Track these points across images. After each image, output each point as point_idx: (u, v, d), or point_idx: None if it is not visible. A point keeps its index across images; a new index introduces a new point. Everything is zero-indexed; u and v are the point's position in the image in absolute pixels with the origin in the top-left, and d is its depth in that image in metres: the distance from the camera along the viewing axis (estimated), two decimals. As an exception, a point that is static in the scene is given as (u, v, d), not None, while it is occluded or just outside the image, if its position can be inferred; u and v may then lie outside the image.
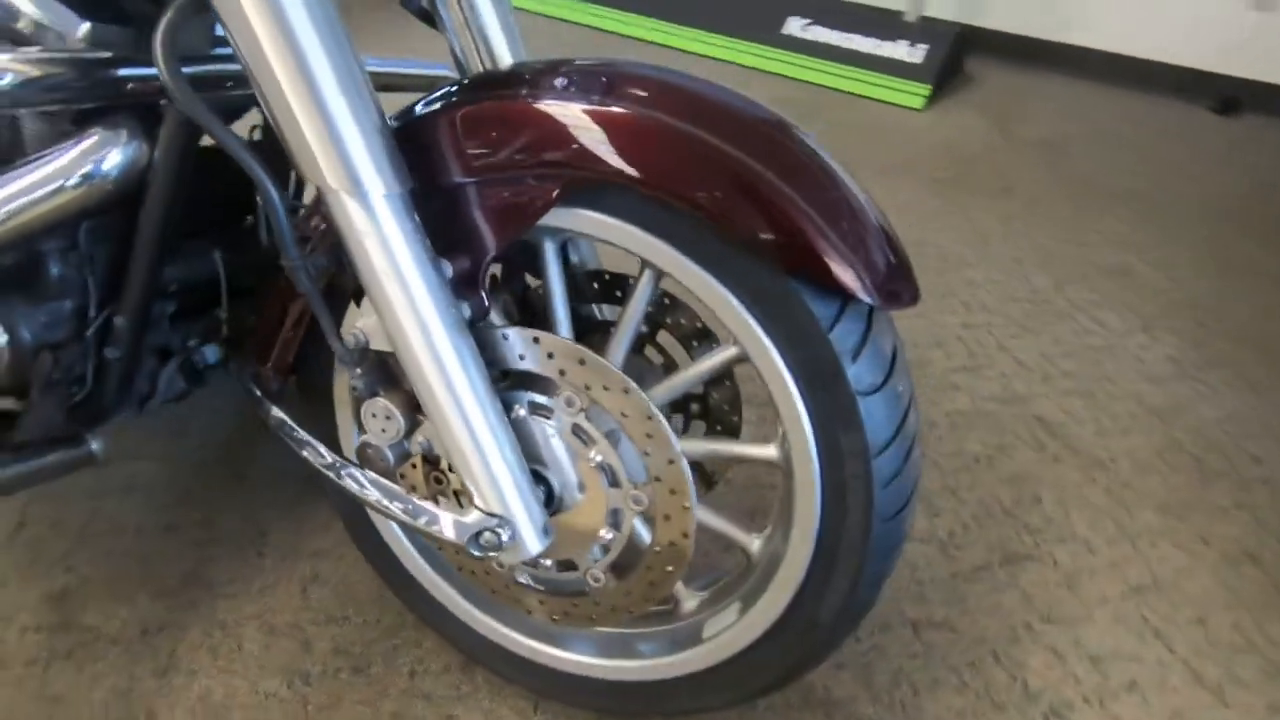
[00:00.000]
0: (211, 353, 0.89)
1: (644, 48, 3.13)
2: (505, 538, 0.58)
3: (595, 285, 0.75)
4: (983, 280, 1.68)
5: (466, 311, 0.60)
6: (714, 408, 0.75)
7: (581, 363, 0.59)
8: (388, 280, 0.54)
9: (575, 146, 0.54)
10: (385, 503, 0.62)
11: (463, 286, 0.60)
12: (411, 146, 0.58)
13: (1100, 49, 2.73)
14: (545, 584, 0.72)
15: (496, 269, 0.73)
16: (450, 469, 0.66)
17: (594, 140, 0.54)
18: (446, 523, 0.60)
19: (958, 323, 1.54)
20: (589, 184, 0.56)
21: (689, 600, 0.75)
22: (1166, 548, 1.08)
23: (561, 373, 0.60)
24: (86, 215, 0.70)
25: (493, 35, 0.76)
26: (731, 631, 0.69)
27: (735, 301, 0.56)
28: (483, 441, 0.58)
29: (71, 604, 0.95)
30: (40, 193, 0.67)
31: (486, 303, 0.61)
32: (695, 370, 0.64)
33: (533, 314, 0.76)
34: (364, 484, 0.63)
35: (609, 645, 0.78)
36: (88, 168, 0.67)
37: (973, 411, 1.32)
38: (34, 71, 0.60)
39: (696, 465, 0.75)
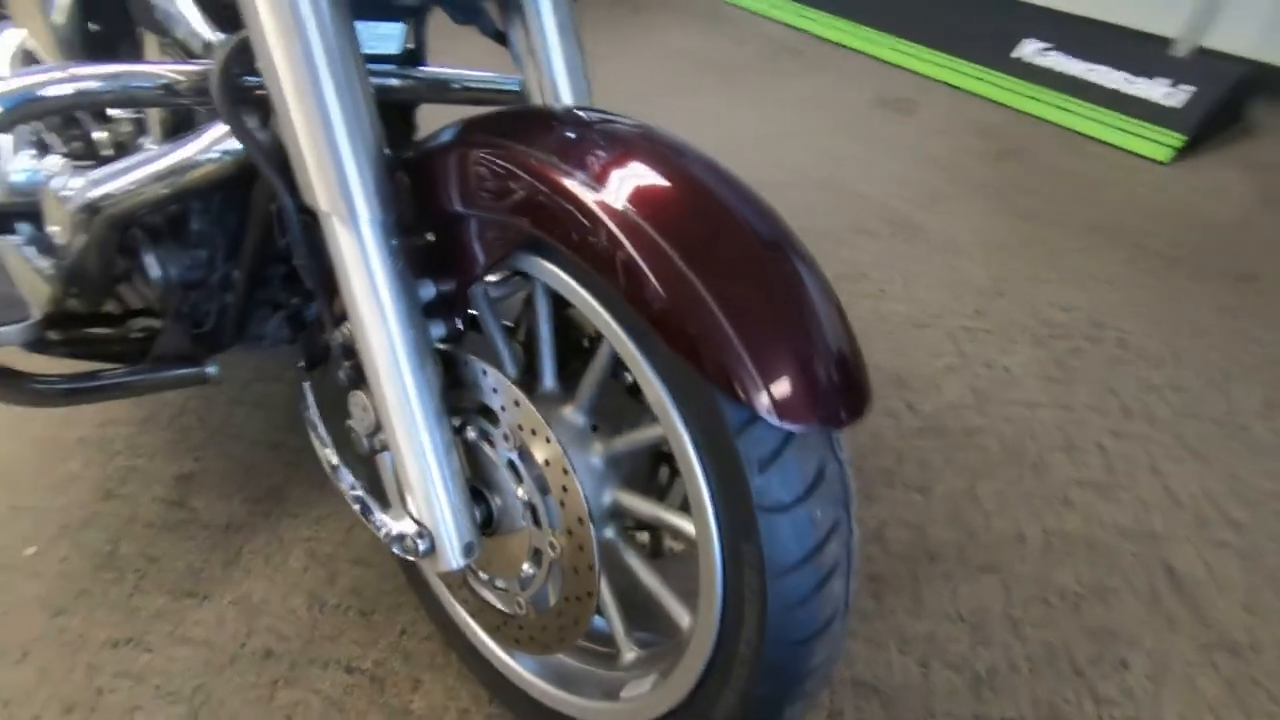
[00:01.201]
0: (312, 310, 1.03)
1: (853, 57, 2.97)
2: (423, 548, 0.63)
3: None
4: (1164, 384, 1.41)
5: (441, 330, 0.65)
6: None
7: (516, 404, 0.61)
8: (361, 297, 0.60)
9: (540, 209, 0.54)
10: (344, 488, 0.69)
11: (441, 308, 0.65)
12: (417, 175, 0.62)
13: None
14: (487, 593, 0.75)
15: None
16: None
17: (555, 209, 0.53)
18: (380, 520, 0.65)
19: (1105, 428, 1.31)
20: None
21: (628, 653, 0.75)
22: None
23: (502, 408, 0.63)
24: (218, 187, 0.85)
25: (556, 66, 0.78)
26: (642, 701, 0.68)
27: (659, 385, 0.54)
28: (422, 457, 0.62)
29: (189, 487, 1.17)
30: (186, 165, 0.82)
31: (460, 325, 0.65)
32: (628, 438, 0.63)
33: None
34: (336, 467, 0.71)
35: (549, 668, 0.80)
36: (215, 152, 0.81)
37: (1081, 537, 1.12)
38: (188, 79, 0.73)
39: (648, 528, 0.73)
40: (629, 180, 0.53)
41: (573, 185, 0.52)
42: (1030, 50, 2.49)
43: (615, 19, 3.41)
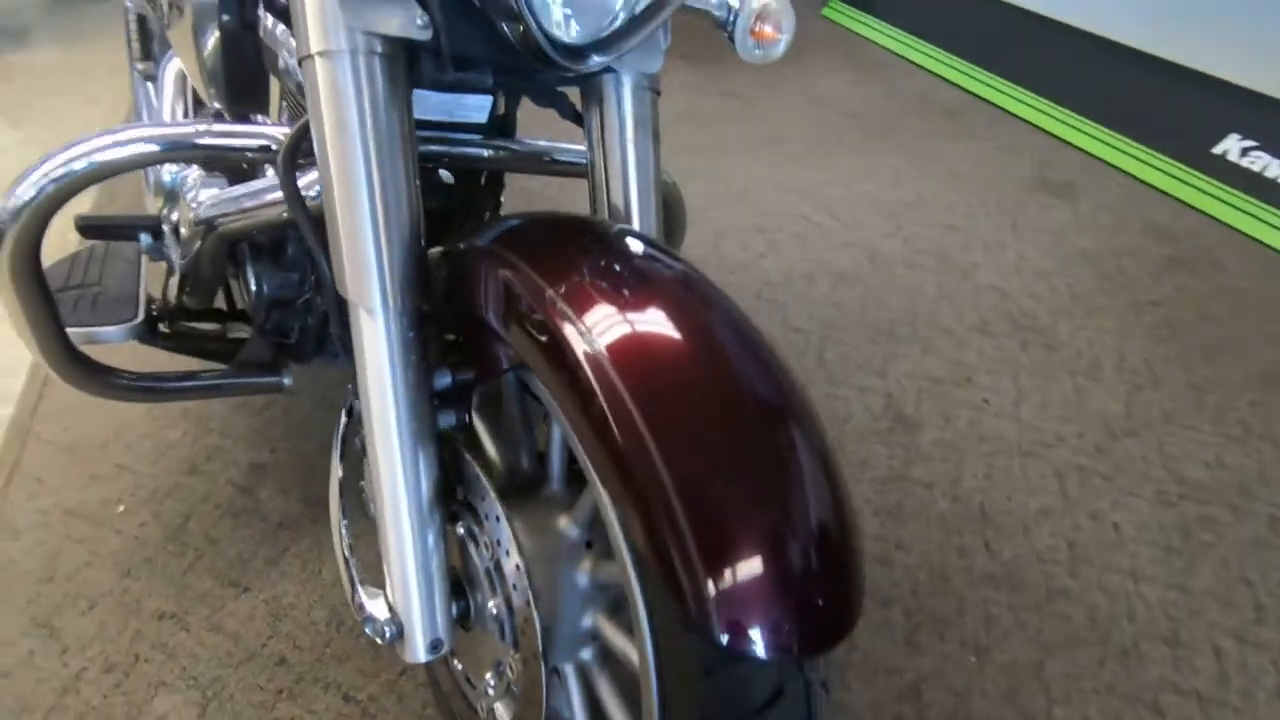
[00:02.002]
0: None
1: (1016, 125, 2.74)
2: (390, 634, 0.62)
3: None
4: (1319, 588, 1.17)
5: (450, 420, 0.64)
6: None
7: (497, 519, 0.59)
8: (371, 381, 0.60)
9: (529, 344, 0.53)
10: (336, 543, 0.70)
11: (457, 397, 0.64)
12: (453, 267, 0.62)
13: None
14: (461, 682, 0.75)
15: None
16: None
17: (542, 351, 0.51)
18: (358, 593, 0.66)
19: (1228, 626, 1.10)
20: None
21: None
22: None
23: (486, 516, 0.61)
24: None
25: (628, 159, 0.75)
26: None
27: (624, 546, 0.51)
28: (404, 546, 0.62)
29: (260, 477, 1.26)
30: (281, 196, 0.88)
31: (469, 419, 0.64)
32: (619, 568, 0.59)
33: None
34: (340, 521, 0.72)
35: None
36: (314, 191, 0.86)
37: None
38: (260, 143, 0.78)
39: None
40: (628, 335, 0.49)
41: (566, 329, 0.50)
42: (1233, 148, 2.18)
43: (775, 60, 3.37)
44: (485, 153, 0.85)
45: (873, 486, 1.31)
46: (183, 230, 0.99)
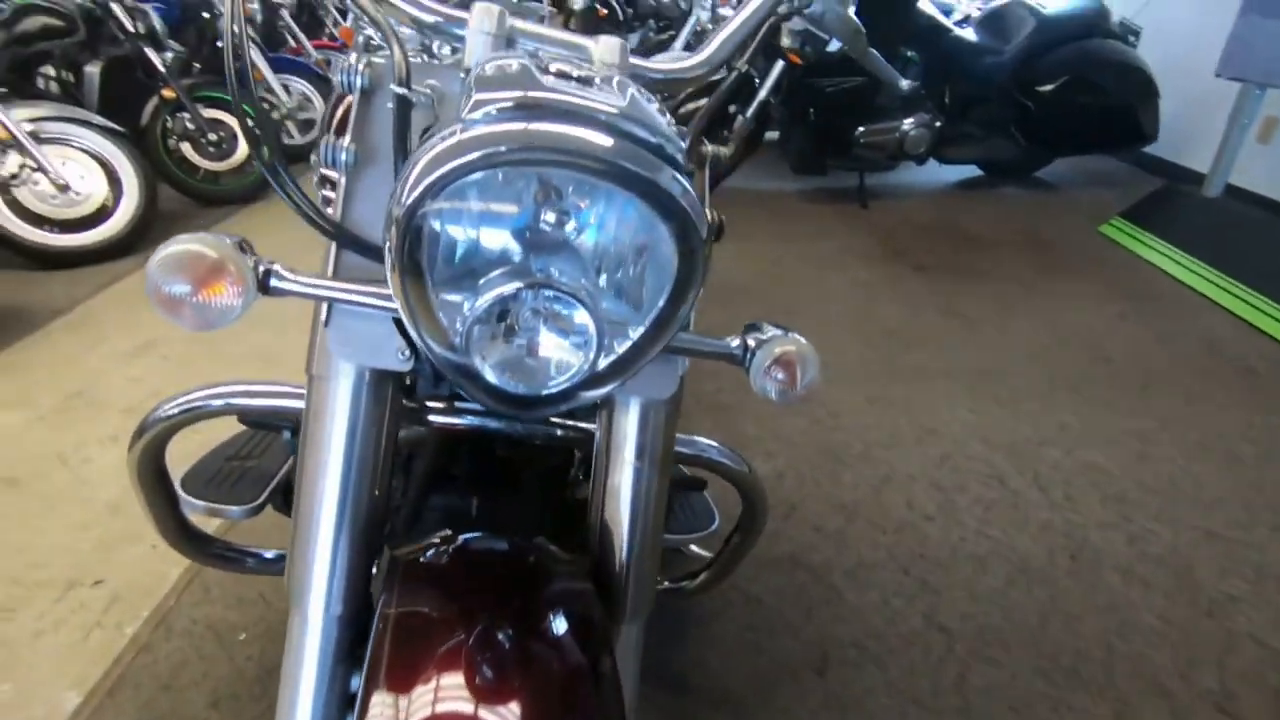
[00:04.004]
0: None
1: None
2: None
3: None
4: None
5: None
6: None
7: None
8: (285, 675, 0.62)
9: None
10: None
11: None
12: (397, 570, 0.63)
13: None
14: None
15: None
16: None
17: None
18: None
19: None
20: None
21: None
22: None
23: None
24: None
25: (618, 490, 0.70)
26: None
27: None
28: None
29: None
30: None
31: None
32: None
33: None
34: None
35: None
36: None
37: None
38: None
39: None
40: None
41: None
42: None
43: (1009, 268, 3.05)
44: (509, 429, 0.85)
45: None
46: None
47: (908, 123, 3.69)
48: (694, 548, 1.20)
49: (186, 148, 3.61)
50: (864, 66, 0.98)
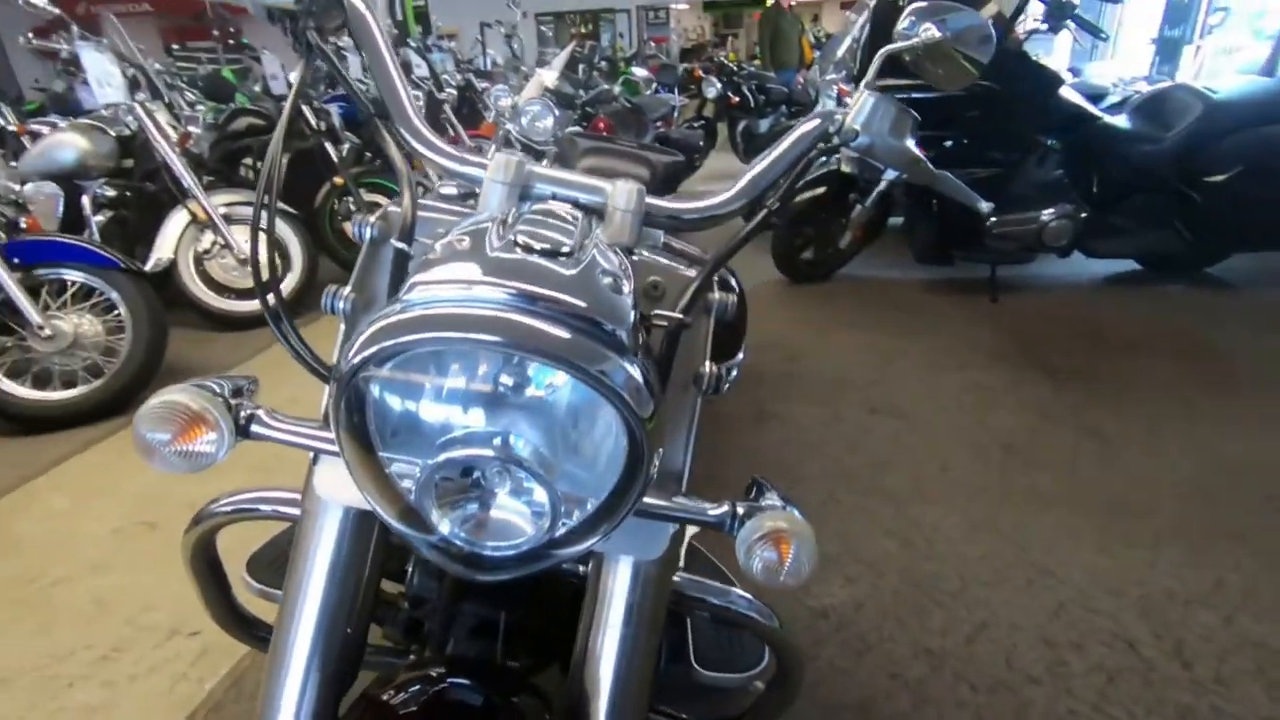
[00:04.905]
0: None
1: None
2: None
3: None
4: None
5: None
6: None
7: None
8: None
9: None
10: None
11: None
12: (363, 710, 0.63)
13: None
14: None
15: None
16: None
17: None
18: None
19: None
20: None
21: None
22: None
23: None
24: None
25: (599, 652, 0.66)
26: None
27: None
28: None
29: None
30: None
31: None
32: None
33: None
34: None
35: None
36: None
37: None
38: None
39: None
40: None
41: None
42: None
43: (1164, 380, 2.64)
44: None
45: None
46: None
47: (1047, 213, 3.42)
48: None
49: (348, 225, 4.10)
50: (937, 190, 0.90)
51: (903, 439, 2.35)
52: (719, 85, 6.02)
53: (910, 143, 0.76)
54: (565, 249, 0.52)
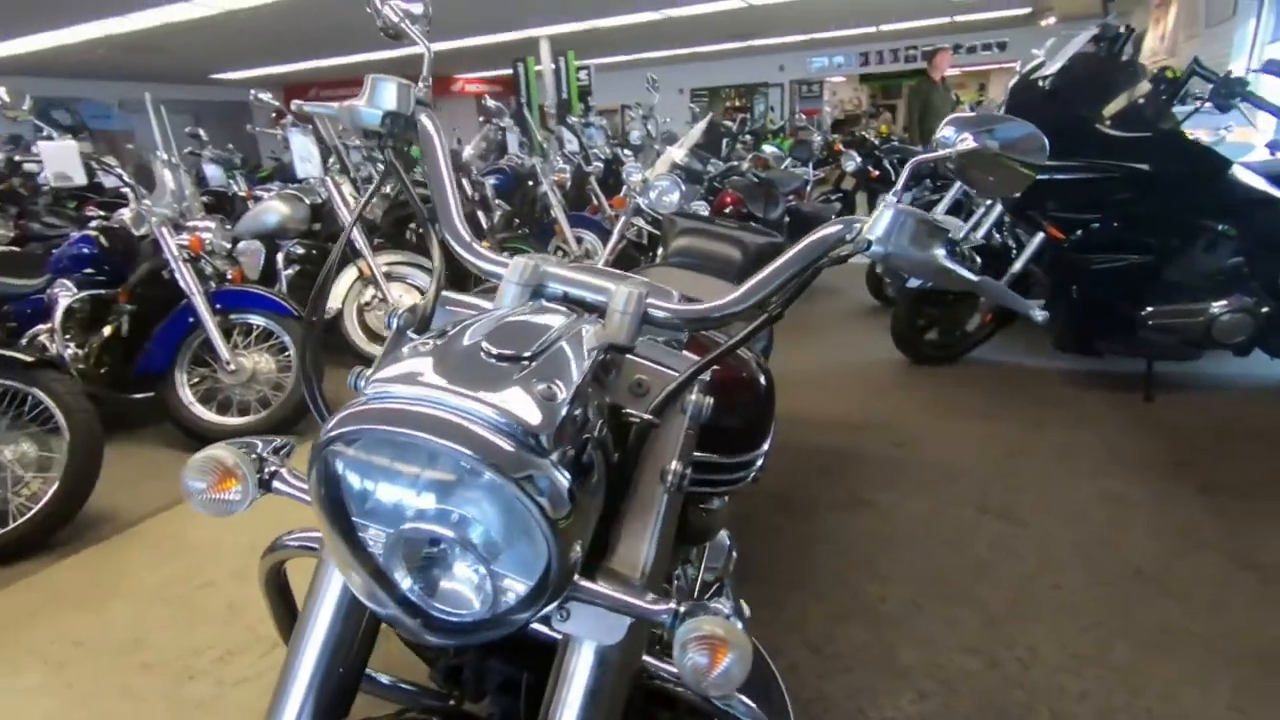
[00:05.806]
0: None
1: None
2: None
3: None
4: None
5: None
6: None
7: None
8: None
9: None
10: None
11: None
12: None
13: None
14: None
15: None
16: None
17: None
18: None
19: None
20: None
21: None
22: None
23: None
24: None
25: None
26: None
27: None
28: None
29: None
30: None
31: None
32: None
33: None
34: None
35: None
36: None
37: None
38: None
39: None
40: None
41: None
42: None
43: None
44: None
45: None
46: None
47: (1218, 305, 3.03)
48: None
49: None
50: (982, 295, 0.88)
51: (1011, 546, 2.15)
52: (858, 159, 5.98)
53: (939, 253, 0.75)
54: (526, 354, 0.59)
